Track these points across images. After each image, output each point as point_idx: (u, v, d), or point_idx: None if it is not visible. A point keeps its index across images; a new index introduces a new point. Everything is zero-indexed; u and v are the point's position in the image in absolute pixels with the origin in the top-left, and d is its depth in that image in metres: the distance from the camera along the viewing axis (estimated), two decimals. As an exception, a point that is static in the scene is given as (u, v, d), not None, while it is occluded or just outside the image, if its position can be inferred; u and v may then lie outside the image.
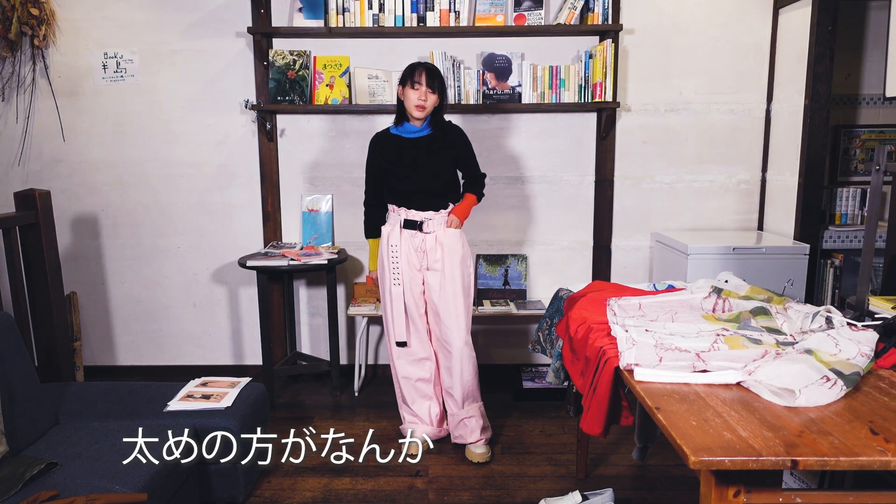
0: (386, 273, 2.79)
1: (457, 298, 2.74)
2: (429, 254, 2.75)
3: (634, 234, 3.67)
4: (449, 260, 2.73)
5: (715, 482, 1.26)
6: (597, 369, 1.73)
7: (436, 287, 2.75)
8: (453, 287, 2.73)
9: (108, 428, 2.20)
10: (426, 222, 2.74)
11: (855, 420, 1.34)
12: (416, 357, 2.87)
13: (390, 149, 2.77)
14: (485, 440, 2.83)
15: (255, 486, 2.59)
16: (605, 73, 3.29)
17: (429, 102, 2.65)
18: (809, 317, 1.82)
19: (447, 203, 2.79)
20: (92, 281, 3.69)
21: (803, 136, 3.23)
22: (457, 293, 2.74)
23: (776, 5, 3.43)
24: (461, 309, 2.74)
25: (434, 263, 2.75)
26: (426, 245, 2.75)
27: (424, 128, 2.73)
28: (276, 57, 3.37)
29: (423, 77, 2.63)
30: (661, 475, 2.68)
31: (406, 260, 2.76)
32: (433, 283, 2.76)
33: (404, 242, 2.76)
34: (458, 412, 2.81)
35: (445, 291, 2.73)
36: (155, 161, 3.58)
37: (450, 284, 2.73)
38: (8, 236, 2.63)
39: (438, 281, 2.74)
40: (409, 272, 2.77)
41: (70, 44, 3.47)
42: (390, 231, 2.78)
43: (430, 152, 2.73)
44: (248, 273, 3.61)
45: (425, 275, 2.78)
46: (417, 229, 2.74)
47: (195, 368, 3.70)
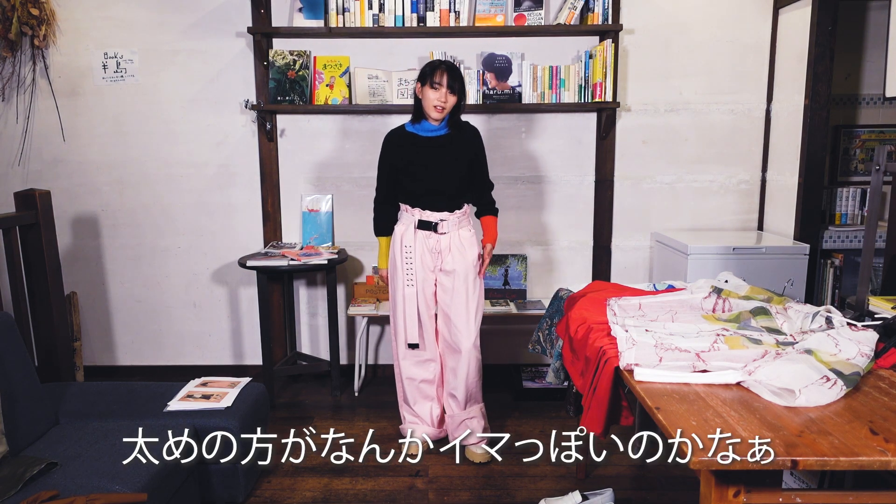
0: (398, 273, 2.76)
1: (469, 300, 2.72)
2: (443, 255, 2.72)
3: (634, 234, 3.67)
4: (462, 262, 2.71)
5: (715, 482, 1.27)
6: (597, 369, 1.73)
7: (449, 288, 2.73)
8: (465, 289, 2.71)
9: (108, 428, 2.20)
10: (441, 223, 2.70)
11: (855, 420, 1.34)
12: (422, 358, 2.85)
13: (405, 147, 2.71)
14: (485, 441, 2.83)
15: (255, 486, 2.59)
16: (605, 73, 3.29)
17: (448, 103, 2.60)
18: (809, 317, 1.82)
19: (462, 204, 2.75)
20: (92, 281, 3.69)
21: (803, 136, 3.23)
22: (469, 295, 2.72)
23: (776, 5, 3.43)
24: (472, 311, 2.73)
25: (448, 265, 2.72)
26: (440, 246, 2.72)
27: (442, 127, 2.68)
28: (276, 57, 3.37)
29: (445, 78, 2.57)
30: (661, 475, 2.68)
31: (420, 261, 2.73)
32: (446, 284, 2.73)
33: (418, 243, 2.72)
34: (460, 413, 2.81)
35: (458, 293, 2.71)
36: (155, 161, 3.58)
37: (462, 286, 2.71)
38: (8, 236, 2.63)
39: (451, 282, 2.72)
40: (422, 273, 2.74)
41: (70, 44, 3.47)
42: (404, 231, 2.74)
43: (446, 152, 2.69)
44: (248, 273, 3.61)
45: (438, 276, 2.76)
46: (432, 230, 2.70)
47: (195, 368, 3.70)
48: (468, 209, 2.79)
